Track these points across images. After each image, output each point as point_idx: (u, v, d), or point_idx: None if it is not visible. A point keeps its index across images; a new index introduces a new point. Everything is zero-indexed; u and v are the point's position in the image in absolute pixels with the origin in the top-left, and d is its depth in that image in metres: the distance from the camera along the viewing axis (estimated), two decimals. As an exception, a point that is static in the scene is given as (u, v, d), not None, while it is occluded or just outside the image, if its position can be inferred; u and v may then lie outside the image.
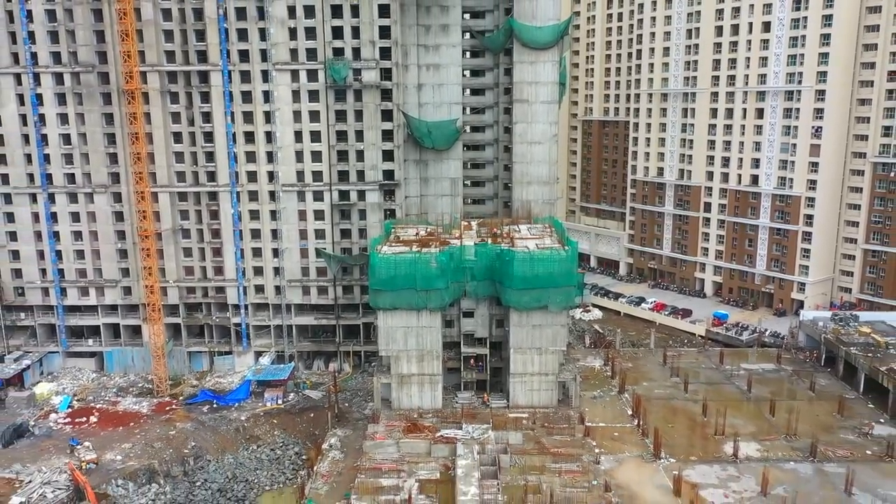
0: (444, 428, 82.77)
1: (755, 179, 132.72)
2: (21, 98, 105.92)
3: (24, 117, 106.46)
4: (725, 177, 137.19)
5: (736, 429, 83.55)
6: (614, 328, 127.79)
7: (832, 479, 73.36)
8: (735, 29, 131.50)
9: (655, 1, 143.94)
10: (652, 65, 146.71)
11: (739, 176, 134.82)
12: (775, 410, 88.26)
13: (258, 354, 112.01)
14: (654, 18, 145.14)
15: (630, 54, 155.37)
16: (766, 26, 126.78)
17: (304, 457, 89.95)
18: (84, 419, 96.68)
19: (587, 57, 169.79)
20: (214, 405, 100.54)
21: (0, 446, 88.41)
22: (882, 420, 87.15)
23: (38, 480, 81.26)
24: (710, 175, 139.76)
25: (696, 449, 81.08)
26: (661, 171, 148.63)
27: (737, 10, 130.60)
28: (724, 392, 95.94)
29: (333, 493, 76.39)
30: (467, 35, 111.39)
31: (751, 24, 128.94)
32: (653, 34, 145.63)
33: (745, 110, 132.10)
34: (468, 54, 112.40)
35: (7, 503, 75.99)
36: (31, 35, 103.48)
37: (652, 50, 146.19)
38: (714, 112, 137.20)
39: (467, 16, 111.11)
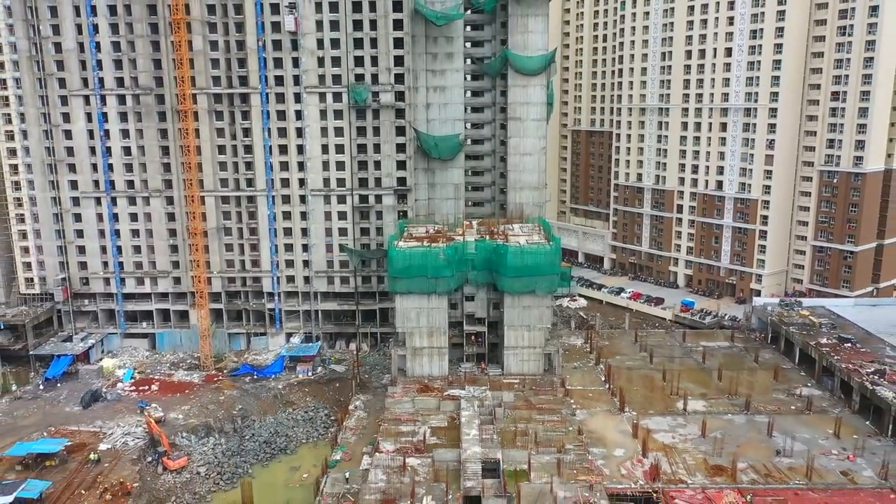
0: (450, 389, 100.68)
1: (720, 185, 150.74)
2: (89, 116, 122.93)
3: (91, 132, 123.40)
4: (695, 182, 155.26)
5: (687, 390, 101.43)
6: (596, 314, 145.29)
7: (759, 426, 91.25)
8: (702, 53, 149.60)
9: (634, 27, 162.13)
10: (632, 83, 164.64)
11: (707, 181, 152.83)
12: (722, 377, 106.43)
13: (289, 335, 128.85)
14: (633, 42, 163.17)
15: (613, 72, 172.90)
16: (729, 52, 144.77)
17: (332, 417, 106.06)
18: (146, 387, 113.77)
19: (576, 73, 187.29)
20: (254, 377, 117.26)
21: (81, 408, 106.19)
22: (809, 384, 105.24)
23: (119, 432, 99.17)
24: (681, 180, 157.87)
25: (654, 405, 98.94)
26: (639, 177, 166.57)
27: (703, 37, 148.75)
28: (682, 363, 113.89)
29: (360, 442, 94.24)
30: (469, 61, 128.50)
31: (715, 49, 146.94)
32: (632, 56, 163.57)
33: (710, 124, 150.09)
34: (469, 78, 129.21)
35: (97, 448, 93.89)
36: (99, 63, 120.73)
37: (632, 70, 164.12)
38: (685, 125, 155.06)
39: (469, 45, 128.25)
